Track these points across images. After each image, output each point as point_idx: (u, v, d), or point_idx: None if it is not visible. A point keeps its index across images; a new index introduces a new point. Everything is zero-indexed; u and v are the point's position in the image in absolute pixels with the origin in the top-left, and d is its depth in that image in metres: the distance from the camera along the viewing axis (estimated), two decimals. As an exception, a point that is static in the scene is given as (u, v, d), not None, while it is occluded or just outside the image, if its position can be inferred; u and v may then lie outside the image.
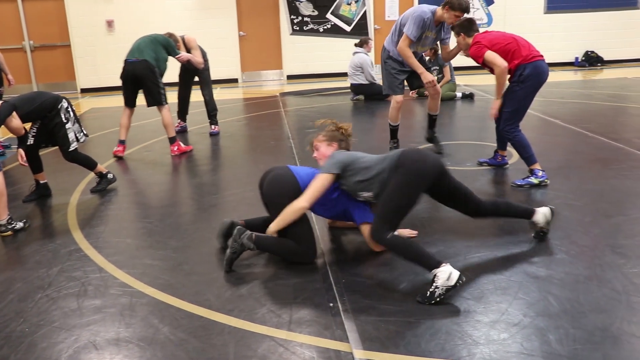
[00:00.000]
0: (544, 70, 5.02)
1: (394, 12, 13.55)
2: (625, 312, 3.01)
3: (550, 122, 7.77)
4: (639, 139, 6.61)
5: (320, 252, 3.86)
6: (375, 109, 9.41)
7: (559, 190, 4.94)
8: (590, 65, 13.74)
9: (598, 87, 10.83)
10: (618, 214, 4.41)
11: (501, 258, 3.69)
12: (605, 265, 3.55)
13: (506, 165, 5.67)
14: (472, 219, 3.95)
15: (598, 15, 13.91)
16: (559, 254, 3.72)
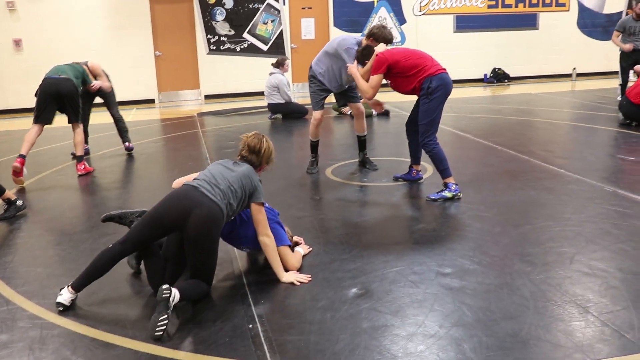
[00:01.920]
0: (449, 82, 5.24)
1: (310, 32, 13.74)
2: (533, 317, 3.15)
3: (462, 136, 8.06)
4: (543, 152, 6.97)
5: (238, 273, 3.84)
6: (293, 127, 9.48)
7: (470, 203, 5.13)
8: (498, 81, 14.39)
9: (505, 102, 11.35)
10: (525, 223, 4.62)
11: (417, 271, 3.77)
12: (514, 273, 3.71)
13: (421, 180, 5.84)
14: (389, 234, 4.03)
15: (503, 34, 14.62)
16: (472, 265, 3.85)
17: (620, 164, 6.55)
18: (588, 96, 11.91)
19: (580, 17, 15.12)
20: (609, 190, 5.41)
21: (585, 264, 3.84)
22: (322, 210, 5.22)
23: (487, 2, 14.44)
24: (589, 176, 5.86)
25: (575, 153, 7.24)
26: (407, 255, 4.06)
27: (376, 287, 3.55)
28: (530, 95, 12.22)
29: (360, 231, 4.56)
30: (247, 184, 3.60)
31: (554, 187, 5.55)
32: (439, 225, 4.69)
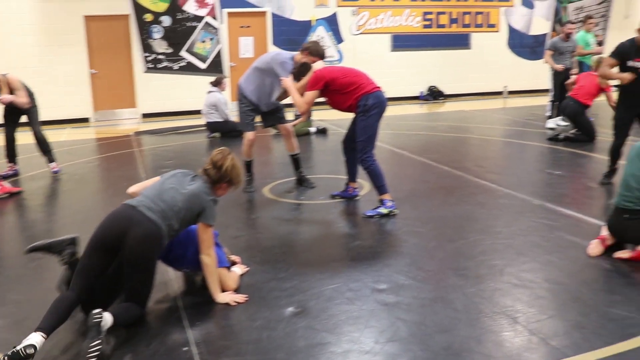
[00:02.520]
0: (385, 100, 5.35)
1: (249, 50, 13.76)
2: (466, 330, 3.23)
3: (399, 153, 8.22)
4: (477, 167, 7.18)
5: (174, 295, 3.79)
6: (232, 145, 9.38)
7: (406, 219, 5.23)
8: (433, 99, 14.75)
9: (441, 120, 11.64)
10: (459, 238, 4.74)
11: (353, 288, 3.81)
12: (448, 287, 3.80)
13: (357, 197, 5.91)
14: (326, 252, 4.06)
15: (438, 53, 15.02)
16: (407, 280, 3.92)
17: (548, 179, 6.80)
18: (518, 113, 12.34)
19: (510, 38, 15.71)
20: (538, 204, 5.62)
21: (514, 275, 3.97)
22: (259, 229, 5.21)
23: (422, 22, 14.82)
24: (519, 190, 6.06)
25: (506, 168, 7.49)
26: (343, 272, 4.09)
27: (312, 305, 3.57)
28: (464, 113, 12.57)
29: (297, 249, 4.58)
30: (195, 204, 3.51)
31: (486, 202, 5.73)
32: (375, 241, 4.76)
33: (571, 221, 5.13)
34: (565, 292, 3.74)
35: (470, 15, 15.28)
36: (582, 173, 7.09)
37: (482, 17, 15.40)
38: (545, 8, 15.91)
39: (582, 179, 6.77)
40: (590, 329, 3.26)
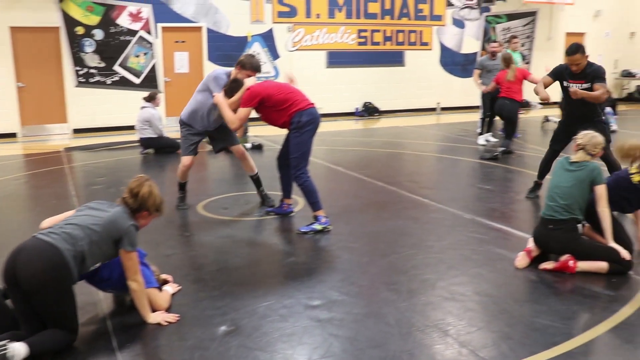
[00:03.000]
0: (318, 116, 5.39)
1: (184, 66, 13.62)
2: (398, 344, 3.27)
3: (333, 169, 8.28)
4: (410, 182, 7.31)
5: (102, 316, 3.69)
6: (165, 162, 9.29)
7: (340, 234, 5.27)
8: (369, 115, 14.95)
9: (375, 135, 11.81)
10: (392, 252, 4.80)
11: (287, 305, 3.81)
12: (380, 302, 3.84)
13: (292, 213, 5.91)
14: (260, 269, 4.04)
15: (373, 70, 15.26)
16: (340, 296, 3.94)
17: (478, 193, 6.99)
18: (451, 129, 12.67)
19: (442, 56, 16.13)
20: (468, 218, 5.77)
21: (445, 289, 4.06)
22: (192, 247, 5.14)
23: (357, 39, 15.03)
24: (450, 205, 6.21)
25: (439, 183, 7.66)
26: (277, 289, 4.08)
27: (246, 323, 3.54)
28: (398, 128, 12.81)
29: (231, 267, 4.54)
30: (113, 230, 3.37)
31: (419, 217, 5.83)
32: (309, 257, 4.77)
33: (500, 234, 5.29)
34: (494, 303, 3.84)
35: (404, 34, 15.62)
36: (510, 187, 7.32)
37: (415, 36, 15.76)
38: (475, 28, 16.44)
39: (510, 193, 6.99)
40: (517, 339, 3.37)
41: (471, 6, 16.37)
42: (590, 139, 4.52)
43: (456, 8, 16.16)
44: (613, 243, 4.42)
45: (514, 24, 17.00)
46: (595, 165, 4.46)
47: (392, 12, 15.35)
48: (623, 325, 3.56)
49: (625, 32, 18.52)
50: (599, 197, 4.42)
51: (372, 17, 15.09)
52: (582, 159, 4.49)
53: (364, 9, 14.95)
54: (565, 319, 3.63)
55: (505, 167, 8.38)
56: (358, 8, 14.89)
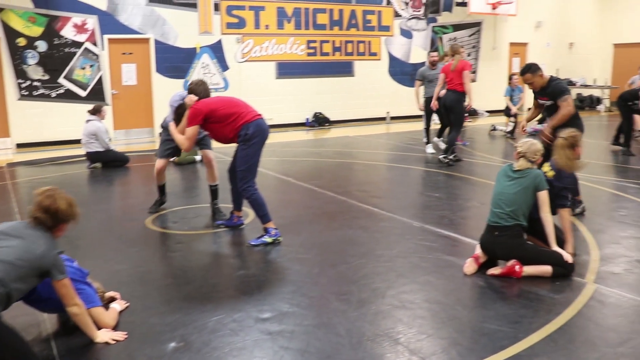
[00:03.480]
0: (266, 127, 5.37)
1: (132, 78, 13.42)
2: (348, 354, 3.28)
3: (284, 180, 8.27)
4: (360, 192, 7.36)
5: (46, 337, 3.58)
6: (114, 176, 9.12)
7: (290, 246, 5.26)
8: (319, 125, 15.02)
9: (326, 145, 11.86)
10: (342, 262, 4.82)
11: (237, 319, 3.77)
12: (331, 312, 3.85)
13: (242, 225, 5.87)
14: (210, 282, 3.98)
15: (323, 80, 15.36)
16: (291, 308, 3.93)
17: (427, 201, 7.10)
18: (400, 138, 12.83)
19: (391, 66, 16.36)
20: (417, 226, 5.84)
21: (395, 297, 4.09)
22: (141, 262, 5.04)
23: (306, 50, 15.11)
24: (400, 213, 6.28)
25: (388, 192, 7.74)
26: (227, 303, 4.04)
27: (195, 339, 3.49)
28: (349, 138, 12.90)
29: (181, 281, 4.47)
30: (39, 265, 3.16)
31: (368, 226, 5.88)
32: (259, 270, 4.74)
33: (448, 241, 5.37)
34: (443, 310, 3.89)
35: (353, 44, 15.78)
36: (459, 195, 7.44)
37: (364, 46, 15.94)
38: (423, 38, 16.74)
39: (459, 200, 7.11)
40: (466, 345, 3.42)
41: (418, 17, 16.67)
42: (529, 147, 4.63)
43: (404, 19, 16.43)
44: (556, 247, 4.55)
45: (460, 34, 17.41)
46: (538, 172, 4.59)
47: (341, 23, 15.49)
48: (566, 326, 3.66)
49: (564, 43, 19.16)
50: (542, 203, 4.55)
51: (321, 28, 15.20)
52: (524, 167, 4.60)
53: (312, 20, 15.06)
54: (512, 322, 3.70)
55: (454, 174, 8.52)
56: (307, 19, 14.98)
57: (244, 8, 14.18)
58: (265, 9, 14.42)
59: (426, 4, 16.69)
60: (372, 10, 15.90)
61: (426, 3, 16.69)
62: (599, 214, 6.39)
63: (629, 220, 6.12)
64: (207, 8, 13.76)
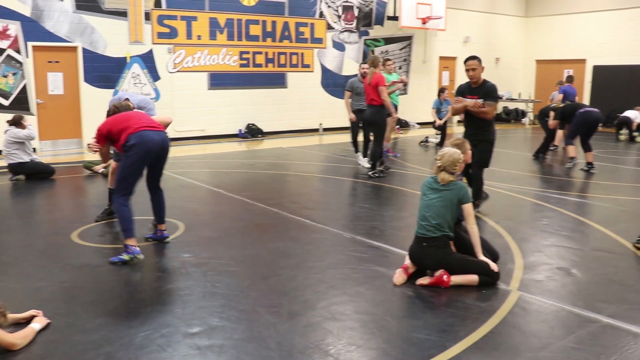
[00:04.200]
0: (150, 140, 5.10)
1: (58, 87, 13.00)
2: (278, 368, 3.26)
3: (216, 192, 8.17)
4: (292, 203, 7.36)
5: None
6: (37, 188, 8.77)
7: (220, 258, 5.19)
8: (252, 136, 14.95)
9: (259, 157, 11.80)
10: (273, 274, 4.80)
11: (165, 334, 3.69)
12: (262, 325, 3.82)
13: (167, 239, 5.71)
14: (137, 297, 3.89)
15: (256, 92, 15.32)
16: (221, 322, 3.88)
17: (358, 212, 7.16)
18: (333, 149, 12.93)
19: (324, 78, 16.48)
20: (348, 237, 5.89)
21: (326, 309, 4.10)
22: (65, 278, 4.85)
23: (239, 61, 15.04)
24: (331, 225, 6.31)
25: (320, 203, 7.76)
26: (154, 318, 3.95)
27: (122, 356, 3.39)
28: (281, 150, 12.89)
29: (107, 297, 4.34)
30: None
31: (299, 237, 5.88)
32: (188, 284, 4.64)
33: (379, 252, 5.43)
34: (372, 321, 3.93)
35: (286, 56, 15.82)
36: (390, 206, 7.55)
37: (297, 58, 16.01)
38: (355, 51, 16.96)
39: (390, 211, 7.21)
40: (394, 355, 3.46)
41: (351, 30, 16.89)
42: (447, 159, 4.69)
43: (336, 31, 16.60)
44: (482, 256, 4.67)
45: (392, 48, 17.74)
46: (462, 185, 4.70)
47: (274, 35, 15.52)
48: (491, 333, 3.76)
49: (491, 58, 19.81)
50: (467, 215, 4.66)
51: (254, 39, 15.18)
52: (446, 180, 4.68)
53: (245, 31, 15.01)
54: (440, 331, 3.77)
55: (385, 185, 8.64)
56: (240, 30, 14.92)
57: (176, 18, 14.00)
58: (197, 19, 14.29)
59: (358, 18, 16.94)
60: (305, 23, 16.00)
61: (358, 16, 16.94)
62: (523, 223, 6.62)
63: (550, 229, 6.36)
64: (137, 17, 13.51)
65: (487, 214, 6.80)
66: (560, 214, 7.00)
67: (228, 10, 14.67)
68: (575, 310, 4.15)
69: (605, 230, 6.26)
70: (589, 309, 4.17)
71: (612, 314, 4.09)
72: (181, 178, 8.82)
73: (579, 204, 7.68)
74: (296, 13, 15.81)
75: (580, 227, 6.46)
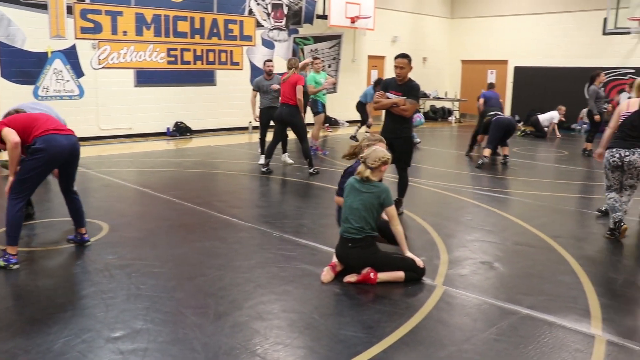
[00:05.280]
0: (58, 144, 4.91)
1: (-28, 82, 12.38)
2: (203, 370, 3.20)
3: (142, 191, 7.96)
4: (219, 202, 7.27)
5: None
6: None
7: (145, 259, 5.06)
8: (180, 134, 14.67)
9: (187, 156, 11.59)
10: (200, 275, 4.72)
11: (86, 339, 3.57)
12: (187, 327, 3.75)
13: (88, 242, 5.48)
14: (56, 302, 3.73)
15: (184, 89, 15.04)
16: (145, 324, 3.78)
17: (286, 210, 7.15)
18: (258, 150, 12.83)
19: (253, 76, 16.27)
20: (277, 236, 5.86)
21: (253, 308, 4.07)
22: (-22, 283, 4.63)
23: (166, 58, 14.72)
24: (259, 224, 6.27)
25: (248, 202, 7.71)
26: (75, 323, 3.80)
27: (38, 364, 3.26)
28: (210, 148, 12.72)
29: (24, 303, 4.16)
30: None
31: (227, 237, 5.81)
32: (111, 286, 4.47)
33: (307, 250, 5.43)
34: (300, 319, 3.92)
35: (215, 53, 15.61)
36: (318, 204, 7.56)
37: (226, 55, 15.82)
38: (284, 49, 16.93)
39: (318, 209, 7.22)
40: (322, 352, 3.47)
41: (280, 28, 16.84)
42: (370, 153, 4.75)
43: (266, 29, 16.52)
44: (409, 253, 4.75)
45: (321, 46, 17.82)
46: (383, 188, 4.72)
47: (202, 32, 15.28)
48: (417, 328, 3.83)
49: (419, 57, 20.18)
50: (390, 217, 4.71)
51: (182, 36, 14.89)
52: (363, 172, 4.70)
53: (173, 27, 14.71)
54: (367, 328, 3.81)
55: (314, 183, 8.66)
56: (167, 26, 14.61)
57: (100, 12, 13.57)
58: (123, 14, 13.88)
59: (288, 16, 16.92)
60: (234, 20, 15.84)
61: (288, 14, 16.91)
62: (448, 219, 6.77)
63: (474, 224, 6.54)
64: (58, 10, 13.01)
65: (414, 211, 6.93)
66: (483, 210, 7.21)
67: (155, 6, 14.33)
68: (497, 303, 4.29)
69: (525, 225, 6.49)
70: (509, 301, 4.31)
71: (531, 305, 4.24)
72: (106, 177, 8.55)
73: (501, 199, 7.93)
74: (225, 10, 15.63)
75: (503, 222, 6.67)
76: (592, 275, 4.92)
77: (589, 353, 3.56)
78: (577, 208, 7.52)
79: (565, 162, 11.63)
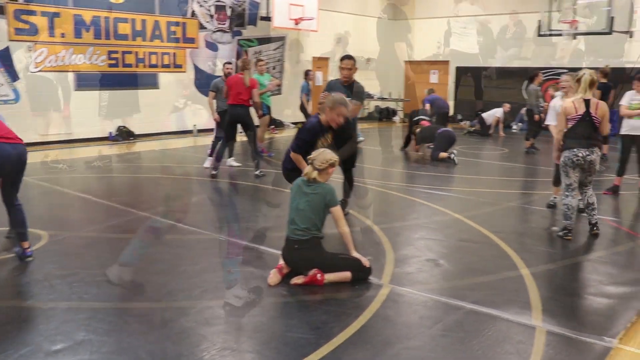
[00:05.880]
0: (4, 153, 4.79)
1: None
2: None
3: (83, 198, 7.72)
4: (163, 207, 7.19)
5: None
6: None
7: (89, 268, 4.89)
8: (123, 139, 14.38)
9: (130, 160, 11.36)
10: (144, 281, 4.64)
11: (25, 354, 3.45)
12: (132, 336, 3.68)
13: (29, 257, 5.15)
14: None
15: (126, 93, 14.73)
16: (87, 335, 3.67)
17: (232, 214, 7.12)
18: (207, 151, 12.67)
19: (197, 78, 16.17)
20: (223, 239, 5.81)
21: (200, 314, 4.02)
22: None
23: (107, 61, 14.38)
24: (204, 227, 6.20)
25: (193, 206, 7.60)
26: (13, 337, 3.66)
27: (-27, 380, 3.13)
28: (154, 152, 12.51)
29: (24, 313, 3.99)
30: None
31: (172, 242, 5.73)
32: (52, 297, 4.32)
33: (254, 253, 5.41)
34: (248, 323, 3.90)
35: (157, 56, 15.35)
36: (263, 206, 7.53)
37: (169, 58, 15.58)
38: (228, 51, 16.79)
39: (264, 211, 7.20)
40: (269, 356, 3.46)
41: (224, 30, 16.70)
42: (318, 155, 4.78)
43: (209, 31, 16.35)
44: (355, 253, 4.77)
45: (265, 48, 17.77)
46: (328, 188, 4.73)
47: (144, 34, 15.01)
48: (364, 328, 3.86)
49: (363, 58, 20.37)
50: (337, 218, 4.73)
51: (123, 38, 14.60)
52: (310, 173, 4.73)
53: (113, 29, 14.39)
54: (314, 329, 3.81)
55: (260, 186, 8.62)
56: (107, 28, 14.28)
57: (36, 13, 13.15)
58: (60, 15, 13.50)
59: (231, 18, 16.79)
60: (176, 22, 15.62)
61: (231, 16, 16.79)
62: (394, 218, 6.85)
63: (420, 222, 6.64)
64: (-10, 11, 12.57)
65: (359, 211, 6.97)
66: (428, 208, 7.32)
67: (94, 7, 13.99)
68: (442, 299, 4.36)
69: (469, 221, 6.62)
70: (454, 297, 4.39)
71: (475, 300, 4.33)
72: (45, 185, 8.29)
73: (445, 197, 8.07)
74: (167, 12, 15.39)
75: (447, 220, 6.79)
76: (533, 268, 5.06)
77: (531, 344, 3.67)
78: (518, 204, 7.72)
79: (506, 160, 11.94)
